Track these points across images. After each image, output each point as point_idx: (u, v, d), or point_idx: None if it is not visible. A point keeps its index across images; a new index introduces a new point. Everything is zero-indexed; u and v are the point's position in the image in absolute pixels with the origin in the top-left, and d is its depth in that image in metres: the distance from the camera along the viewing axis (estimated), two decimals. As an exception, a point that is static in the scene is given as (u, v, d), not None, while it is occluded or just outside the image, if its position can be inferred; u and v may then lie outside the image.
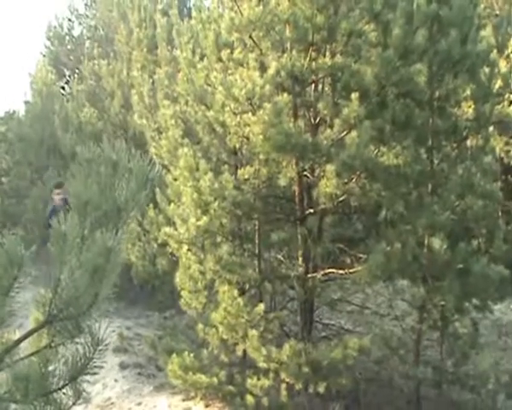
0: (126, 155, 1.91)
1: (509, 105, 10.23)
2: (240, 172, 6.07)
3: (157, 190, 7.59)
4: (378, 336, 5.43)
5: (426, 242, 5.74)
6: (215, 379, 5.87)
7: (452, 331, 6.05)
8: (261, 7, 5.67)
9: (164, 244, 7.20)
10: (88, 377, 1.92)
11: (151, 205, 7.75)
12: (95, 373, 1.91)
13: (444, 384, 5.98)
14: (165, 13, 11.40)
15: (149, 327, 9.30)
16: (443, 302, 5.79)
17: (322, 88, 6.44)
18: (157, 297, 9.72)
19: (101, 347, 1.91)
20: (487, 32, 6.91)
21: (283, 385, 5.45)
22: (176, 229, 6.40)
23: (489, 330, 8.27)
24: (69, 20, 18.49)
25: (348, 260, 6.36)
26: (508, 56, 10.95)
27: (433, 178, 6.25)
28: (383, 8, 6.36)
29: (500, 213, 11.11)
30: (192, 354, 6.02)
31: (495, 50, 8.01)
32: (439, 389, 5.91)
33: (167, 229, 6.93)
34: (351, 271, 5.85)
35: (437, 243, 5.43)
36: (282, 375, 5.32)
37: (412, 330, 6.16)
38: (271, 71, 5.58)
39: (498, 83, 7.98)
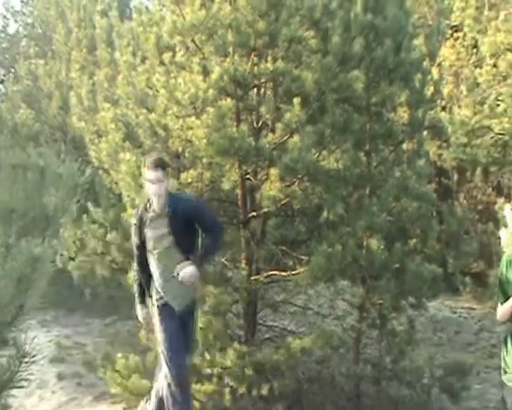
0: (55, 159, 1.87)
1: (441, 111, 10.74)
2: (183, 175, 6.05)
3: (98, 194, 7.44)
4: (319, 336, 5.55)
5: (365, 243, 5.93)
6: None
7: (390, 329, 6.27)
8: (204, 11, 5.68)
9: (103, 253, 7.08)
10: (14, 392, 1.86)
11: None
12: (21, 387, 1.84)
13: (383, 381, 6.19)
14: (104, 13, 11.18)
15: (89, 335, 9.08)
16: (381, 301, 6.00)
17: (265, 92, 6.53)
18: (97, 304, 9.51)
19: (27, 359, 1.83)
20: (420, 42, 7.20)
21: (227, 389, 5.48)
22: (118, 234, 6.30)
23: (424, 327, 8.63)
24: (4, 17, 17.77)
25: (291, 262, 6.46)
26: (439, 64, 11.49)
27: (372, 180, 6.46)
28: (322, 16, 6.54)
29: (434, 214, 11.62)
30: (134, 361, 5.93)
31: (427, 59, 8.39)
32: (378, 385, 6.11)
33: (109, 235, 6.82)
34: (293, 272, 5.96)
35: (375, 243, 5.63)
36: (226, 379, 5.34)
37: (352, 329, 6.34)
38: (215, 75, 5.61)
39: (431, 89, 8.36)
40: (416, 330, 6.68)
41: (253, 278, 6.10)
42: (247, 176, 6.13)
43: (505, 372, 3.76)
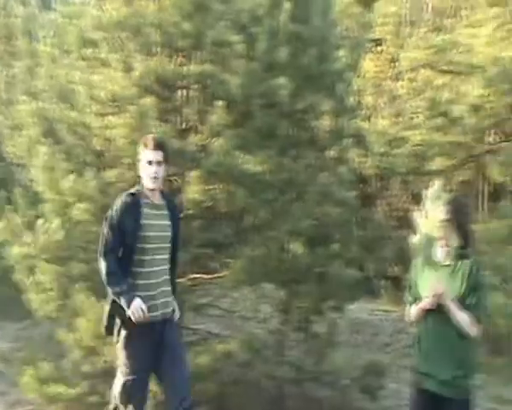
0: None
1: (364, 120, 11.14)
2: (105, 174, 5.87)
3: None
4: (244, 339, 5.56)
5: (288, 247, 6.02)
6: (76, 390, 5.59)
7: (312, 332, 6.38)
8: (127, 8, 5.56)
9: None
10: None
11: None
12: None
13: (305, 382, 6.29)
14: (24, 2, 10.65)
15: (2, 340, 8.60)
16: (303, 305, 6.11)
17: (189, 94, 6.48)
18: (10, 308, 9.00)
19: None
20: (344, 53, 7.42)
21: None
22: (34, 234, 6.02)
23: (345, 329, 8.87)
24: None
25: (216, 266, 6.44)
26: (363, 76, 11.92)
27: (296, 186, 6.57)
28: (249, 22, 6.59)
29: (356, 220, 12.02)
30: (50, 365, 5.67)
31: (351, 70, 8.68)
32: (300, 387, 6.21)
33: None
34: (217, 275, 5.94)
35: (298, 248, 5.72)
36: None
37: (276, 332, 6.41)
38: (136, 73, 5.50)
39: (354, 99, 8.66)
40: (336, 332, 6.84)
41: (177, 281, 6.00)
42: (171, 178, 6.04)
43: (415, 372, 3.92)
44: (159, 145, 4.01)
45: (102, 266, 3.91)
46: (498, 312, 5.73)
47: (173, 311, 4.21)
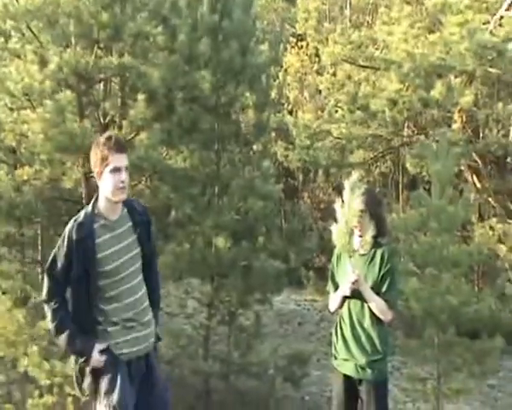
0: None
1: (288, 114, 11.32)
2: (19, 172, 5.61)
3: None
4: (168, 335, 5.50)
5: (213, 241, 6.01)
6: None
7: (238, 325, 6.43)
8: (40, -4, 5.32)
9: None
10: None
11: None
12: None
13: (231, 375, 6.33)
14: None
15: None
16: (229, 298, 6.14)
17: (110, 87, 6.30)
18: None
19: None
20: (266, 47, 7.49)
21: (69, 399, 5.18)
22: None
23: (271, 320, 9.01)
24: None
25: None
26: (286, 70, 12.09)
27: (220, 180, 6.58)
28: (170, 13, 6.50)
29: (280, 212, 12.22)
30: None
31: (274, 64, 8.80)
32: (226, 380, 6.24)
33: None
34: (141, 273, 5.82)
35: (222, 242, 5.73)
36: (68, 389, 5.04)
37: (201, 326, 6.40)
38: (52, 66, 5.27)
39: (277, 93, 8.80)
40: (262, 324, 6.93)
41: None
42: (92, 174, 5.86)
43: (335, 358, 4.04)
44: (124, 147, 3.14)
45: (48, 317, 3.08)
46: (413, 296, 6.02)
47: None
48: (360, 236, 3.90)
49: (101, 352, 2.99)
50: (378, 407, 3.89)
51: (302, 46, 12.13)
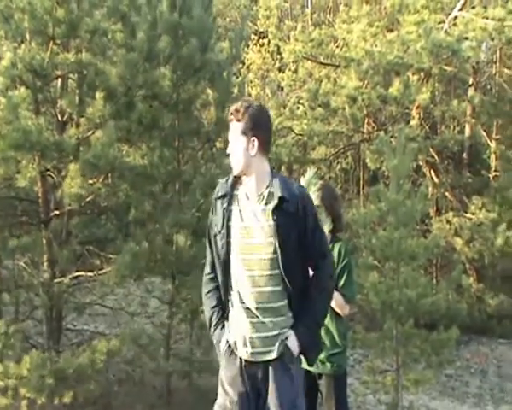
0: None
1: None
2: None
3: None
4: (128, 335, 5.45)
5: (173, 239, 5.98)
6: None
7: (200, 323, 6.41)
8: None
9: None
10: None
11: None
12: None
13: (193, 374, 6.31)
14: None
15: None
16: (190, 296, 6.11)
17: (67, 84, 6.19)
18: None
19: None
20: (227, 44, 7.47)
21: (24, 401, 5.07)
22: None
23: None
24: None
25: (98, 262, 6.25)
26: (248, 67, 12.11)
27: (180, 177, 6.54)
28: (129, 10, 6.43)
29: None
30: None
31: (236, 61, 8.79)
32: (188, 379, 6.21)
33: None
34: (100, 272, 5.76)
35: (182, 240, 5.71)
36: (23, 391, 4.94)
37: (163, 325, 6.36)
38: (6, 62, 5.14)
39: (239, 90, 8.80)
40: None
41: (56, 280, 5.75)
42: (48, 172, 5.75)
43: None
44: (232, 114, 2.69)
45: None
46: (372, 290, 6.13)
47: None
48: (318, 231, 3.94)
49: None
50: (338, 400, 3.97)
51: (264, 44, 12.18)
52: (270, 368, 2.68)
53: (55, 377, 4.91)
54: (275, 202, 2.60)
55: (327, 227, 3.98)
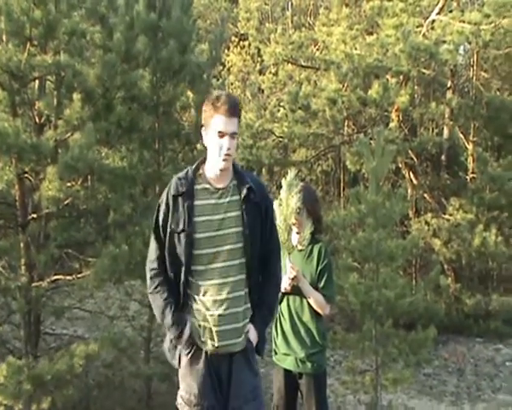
0: None
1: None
2: None
3: None
4: (108, 339, 5.41)
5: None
6: None
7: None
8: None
9: None
10: None
11: None
12: None
13: (173, 377, 6.27)
14: None
15: None
16: (171, 298, 6.08)
17: (44, 86, 6.13)
18: None
19: None
20: (207, 46, 7.47)
21: (1, 408, 4.99)
22: None
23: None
24: None
25: (77, 266, 6.19)
26: (228, 69, 12.12)
27: (161, 180, 6.52)
28: (108, 12, 6.40)
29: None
30: None
31: (217, 63, 8.79)
32: (169, 382, 6.18)
33: None
34: (79, 276, 5.71)
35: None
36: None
37: (143, 328, 6.33)
38: (-19, 63, 5.08)
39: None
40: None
41: (34, 284, 5.68)
42: (26, 175, 5.69)
43: (276, 353, 4.11)
44: (237, 110, 2.70)
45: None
46: (352, 290, 6.18)
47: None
48: (298, 232, 3.99)
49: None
50: (318, 399, 4.00)
51: (244, 46, 12.21)
52: (234, 360, 2.73)
53: (33, 383, 4.85)
54: (244, 192, 2.69)
55: (308, 229, 4.02)
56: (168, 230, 2.68)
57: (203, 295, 2.69)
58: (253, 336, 2.79)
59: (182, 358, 2.78)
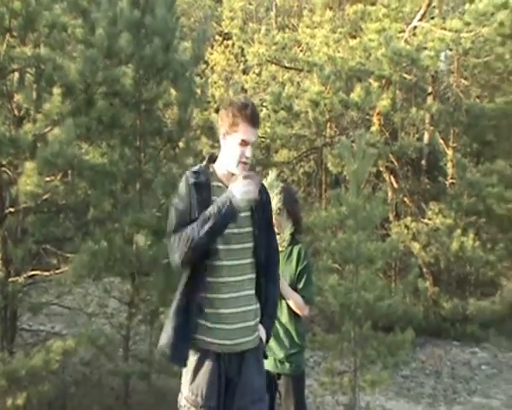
0: None
1: (215, 112, 11.33)
2: None
3: None
4: (85, 336, 5.35)
5: (133, 239, 5.90)
6: None
7: (160, 324, 6.35)
8: None
9: None
10: None
11: None
12: None
13: (152, 375, 6.24)
14: None
15: None
16: (150, 297, 6.05)
17: (23, 79, 6.04)
18: None
19: None
20: (190, 44, 7.43)
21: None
22: None
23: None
24: None
25: (55, 261, 6.12)
26: (212, 68, 12.09)
27: (141, 177, 6.47)
28: (90, 6, 6.33)
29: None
30: None
31: (200, 62, 8.76)
32: (147, 380, 6.14)
33: None
34: (56, 272, 5.64)
35: (142, 239, 5.65)
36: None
37: (122, 326, 6.27)
38: (-42, 54, 4.98)
39: (203, 91, 8.78)
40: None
41: (11, 279, 5.59)
42: (3, 168, 5.60)
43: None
44: (259, 121, 2.80)
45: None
46: (332, 292, 6.21)
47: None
48: (278, 233, 3.99)
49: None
50: (296, 400, 4.02)
51: (228, 45, 12.20)
52: (245, 359, 2.73)
53: (8, 379, 4.78)
54: None
55: (288, 230, 4.03)
56: (188, 219, 2.62)
57: (215, 293, 2.68)
58: (262, 335, 2.84)
59: (190, 358, 2.71)
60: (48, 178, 5.41)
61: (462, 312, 9.72)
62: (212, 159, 2.80)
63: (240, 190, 2.60)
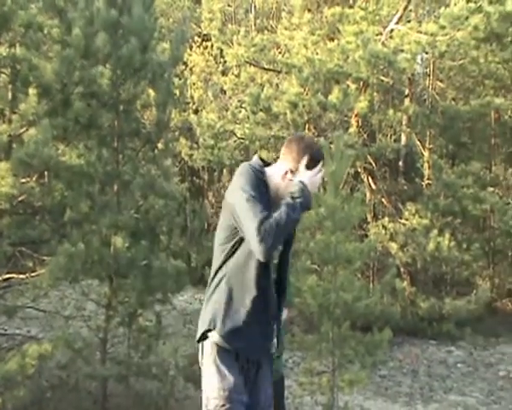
0: None
1: (193, 113, 11.31)
2: None
3: None
4: (62, 339, 5.28)
5: (111, 241, 5.85)
6: None
7: (138, 326, 6.31)
8: None
9: None
10: None
11: None
12: None
13: (130, 378, 6.20)
14: None
15: None
16: (128, 299, 6.01)
17: (-1, 79, 5.95)
18: None
19: None
20: (168, 45, 7.40)
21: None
22: None
23: (176, 320, 8.95)
24: None
25: (31, 264, 6.03)
26: (191, 69, 12.06)
27: (119, 178, 6.42)
28: (66, 5, 6.26)
29: (188, 212, 12.17)
30: None
31: (179, 63, 8.72)
32: (125, 383, 6.10)
33: None
34: (32, 274, 5.56)
35: (119, 241, 5.60)
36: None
37: (99, 329, 6.21)
38: None
39: (181, 92, 8.77)
40: (166, 324, 6.85)
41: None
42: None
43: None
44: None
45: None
46: (310, 293, 6.25)
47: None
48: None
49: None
50: (276, 404, 4.02)
51: (207, 46, 12.17)
52: (262, 365, 2.71)
53: (-19, 384, 4.70)
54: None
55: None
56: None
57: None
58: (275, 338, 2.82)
59: (216, 356, 2.60)
60: (23, 180, 5.34)
61: (438, 311, 9.84)
62: (266, 165, 2.68)
63: (310, 180, 2.53)
